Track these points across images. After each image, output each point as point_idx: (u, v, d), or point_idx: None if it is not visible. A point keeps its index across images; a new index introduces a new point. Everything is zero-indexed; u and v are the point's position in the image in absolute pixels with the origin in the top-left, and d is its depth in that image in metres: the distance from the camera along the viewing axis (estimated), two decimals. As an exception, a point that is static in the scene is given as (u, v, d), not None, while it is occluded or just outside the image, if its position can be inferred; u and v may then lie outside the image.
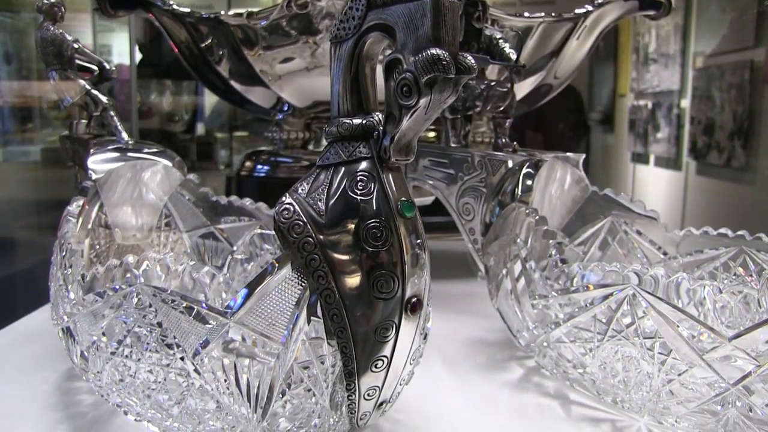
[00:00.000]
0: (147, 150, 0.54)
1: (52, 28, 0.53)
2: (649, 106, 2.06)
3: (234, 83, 0.75)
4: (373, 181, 0.29)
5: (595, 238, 0.55)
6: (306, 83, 0.72)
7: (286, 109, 0.78)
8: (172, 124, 1.78)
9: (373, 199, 0.29)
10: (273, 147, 0.82)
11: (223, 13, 0.70)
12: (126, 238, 0.52)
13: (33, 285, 0.67)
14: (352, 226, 0.28)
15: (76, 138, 0.55)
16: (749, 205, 1.45)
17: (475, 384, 0.45)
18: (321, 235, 0.29)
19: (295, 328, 0.29)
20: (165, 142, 0.58)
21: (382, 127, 0.29)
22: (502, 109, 0.58)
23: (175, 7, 0.70)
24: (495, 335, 0.53)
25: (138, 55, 1.53)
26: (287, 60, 0.69)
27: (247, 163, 0.81)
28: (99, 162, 0.51)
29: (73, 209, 0.46)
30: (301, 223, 0.29)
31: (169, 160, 0.54)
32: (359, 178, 0.29)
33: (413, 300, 0.30)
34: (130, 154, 0.53)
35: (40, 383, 0.43)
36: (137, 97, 1.51)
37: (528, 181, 0.51)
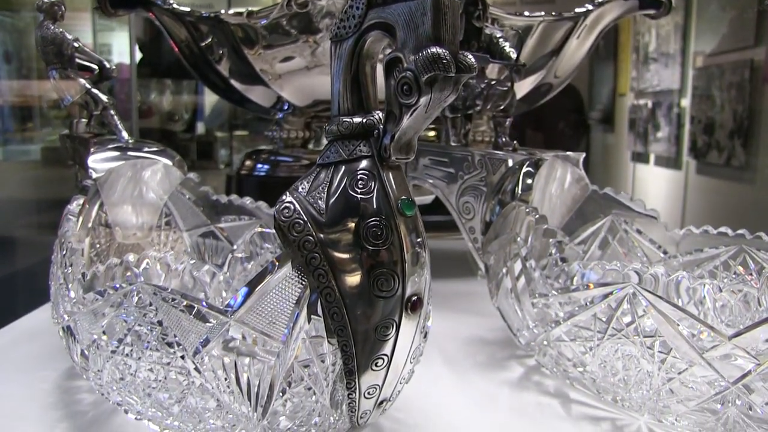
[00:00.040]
0: (147, 149, 0.54)
1: (53, 27, 0.53)
2: (649, 106, 2.06)
3: (234, 82, 0.75)
4: (373, 180, 0.29)
5: (595, 237, 0.55)
6: (306, 82, 0.72)
7: (286, 108, 0.78)
8: (172, 124, 1.78)
9: (374, 198, 0.29)
10: (273, 146, 0.82)
11: (223, 12, 0.70)
12: (126, 236, 0.53)
13: (33, 284, 0.67)
14: (352, 224, 0.28)
15: (77, 137, 0.55)
16: (749, 205, 1.45)
17: (475, 383, 0.45)
18: (321, 234, 0.29)
19: (296, 327, 0.29)
20: (165, 141, 0.58)
21: (382, 126, 0.29)
22: (502, 108, 0.58)
23: (175, 6, 0.70)
24: (495, 334, 0.53)
25: (138, 55, 1.53)
26: (287, 59, 0.69)
27: (247, 162, 0.81)
28: (99, 161, 0.51)
29: (73, 208, 0.46)
30: (301, 222, 0.29)
31: (170, 159, 0.54)
32: (359, 177, 0.29)
33: (413, 298, 0.30)
34: (130, 153, 0.53)
35: (40, 382, 0.43)
36: (137, 97, 1.51)
37: (528, 180, 0.51)
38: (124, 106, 1.44)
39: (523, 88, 0.74)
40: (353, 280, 0.29)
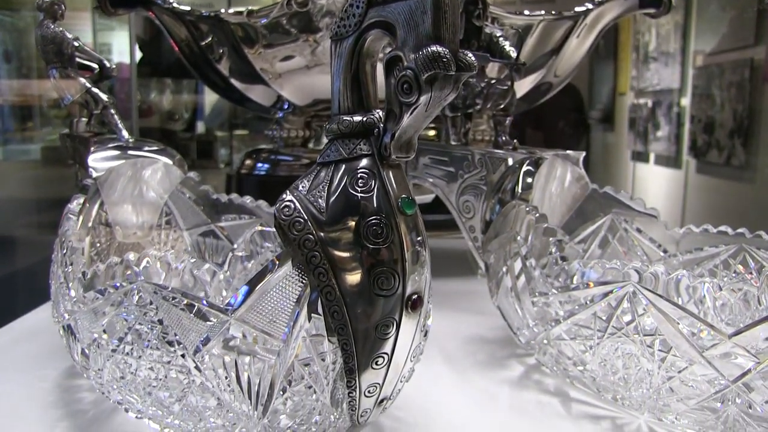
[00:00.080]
0: (147, 148, 0.54)
1: (53, 26, 0.53)
2: (649, 105, 2.06)
3: (234, 81, 0.75)
4: (373, 179, 0.29)
5: (595, 235, 0.55)
6: (306, 81, 0.72)
7: (286, 107, 0.78)
8: (173, 123, 1.78)
9: (374, 197, 0.29)
10: (273, 145, 0.82)
11: (223, 11, 0.70)
12: (126, 235, 0.53)
13: (33, 283, 0.67)
14: (352, 223, 0.28)
15: (77, 136, 0.55)
16: (749, 204, 1.45)
17: (475, 381, 0.45)
18: (322, 233, 0.29)
19: (296, 326, 0.29)
20: (165, 140, 0.58)
21: (382, 125, 0.29)
22: (502, 107, 0.58)
23: (175, 5, 0.70)
24: (495, 333, 0.53)
25: (138, 54, 1.53)
26: (287, 58, 0.69)
27: (247, 161, 0.81)
28: (99, 160, 0.51)
29: (73, 207, 0.46)
30: (301, 221, 0.29)
31: (170, 158, 0.54)
32: (360, 176, 0.29)
33: (414, 297, 0.30)
34: (130, 152, 0.53)
35: (40, 381, 0.43)
36: (137, 96, 1.51)
37: (528, 179, 0.51)
38: (124, 106, 1.44)
39: (523, 87, 0.74)
40: (353, 278, 0.29)
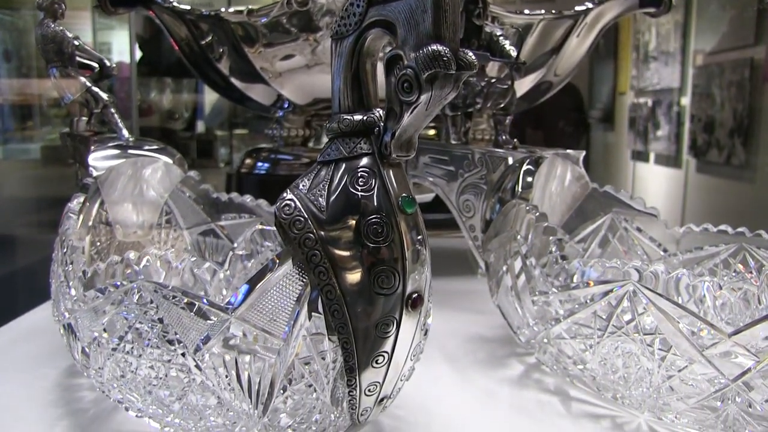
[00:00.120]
0: (147, 147, 0.54)
1: (53, 25, 0.53)
2: (649, 104, 2.06)
3: (234, 80, 0.75)
4: (373, 177, 0.29)
5: (596, 234, 0.55)
6: (306, 80, 0.72)
7: (286, 106, 0.78)
8: (173, 122, 1.78)
9: (374, 195, 0.29)
10: (273, 144, 0.82)
11: (223, 10, 0.70)
12: (127, 234, 0.53)
13: (33, 282, 0.67)
14: (353, 222, 0.28)
15: (77, 135, 0.55)
16: (749, 203, 1.45)
17: (475, 380, 0.45)
18: (322, 231, 0.29)
19: (296, 324, 0.29)
20: (165, 139, 0.58)
21: (382, 123, 0.29)
22: (502, 106, 0.58)
23: (175, 4, 0.70)
24: (495, 332, 0.53)
25: (138, 53, 1.53)
26: (287, 57, 0.69)
27: (247, 160, 0.81)
28: (100, 159, 0.51)
29: (74, 206, 0.46)
30: (302, 219, 0.29)
31: (170, 157, 0.54)
32: (360, 174, 0.29)
33: (414, 296, 0.30)
34: (130, 151, 0.53)
35: (40, 380, 0.43)
36: (137, 95, 1.51)
37: (528, 178, 0.51)
38: (124, 105, 1.44)
39: (523, 86, 0.74)
40: (354, 277, 0.29)
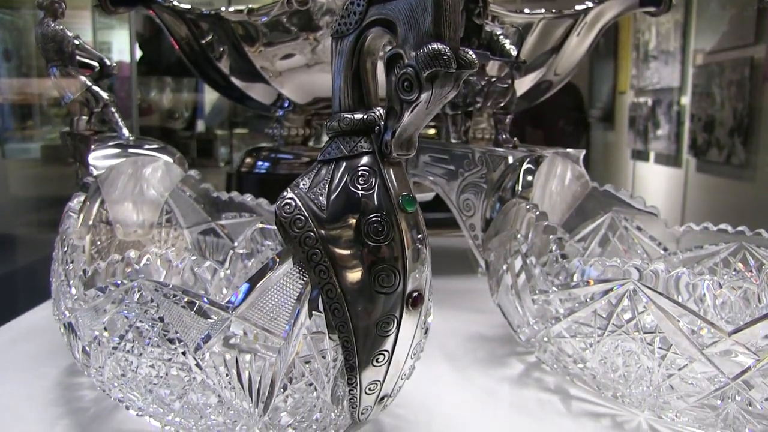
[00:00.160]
0: (148, 146, 0.54)
1: (53, 25, 0.53)
2: (649, 103, 2.06)
3: (234, 80, 0.75)
4: (374, 176, 0.29)
5: (596, 233, 0.55)
6: (306, 80, 0.72)
7: (286, 105, 0.78)
8: (173, 121, 1.78)
9: (375, 194, 0.29)
10: (273, 143, 0.82)
11: (223, 9, 0.70)
12: (127, 234, 0.53)
13: (34, 281, 0.67)
14: (353, 220, 0.28)
15: (77, 134, 0.55)
16: (749, 202, 1.45)
17: (475, 379, 0.45)
18: (322, 230, 0.29)
19: (297, 323, 0.29)
20: (165, 139, 0.58)
21: (383, 122, 0.29)
22: (502, 105, 0.58)
23: (175, 3, 0.70)
24: (495, 331, 0.53)
25: (138, 52, 1.53)
26: (288, 56, 0.69)
27: (247, 159, 0.81)
28: (100, 158, 0.51)
29: (74, 205, 0.46)
30: (302, 218, 0.29)
31: (170, 157, 0.54)
32: (360, 173, 0.29)
33: (414, 294, 0.30)
34: (131, 151, 0.53)
35: (41, 379, 0.43)
36: (137, 94, 1.51)
37: (528, 177, 0.51)
38: (125, 104, 1.44)
39: (523, 85, 0.74)
40: (354, 276, 0.29)
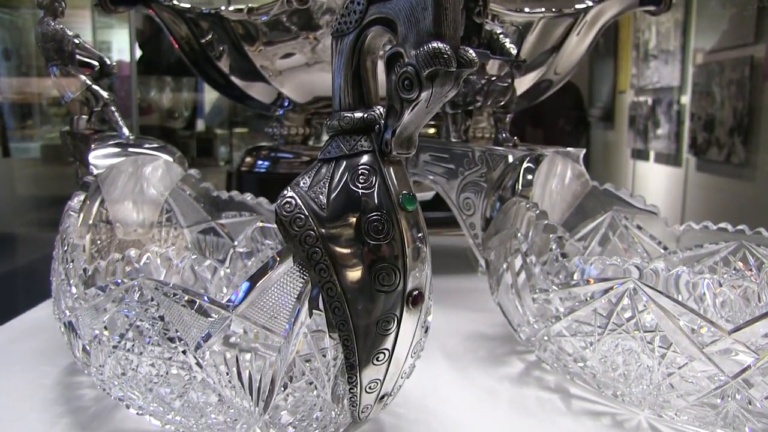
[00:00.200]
0: (148, 145, 0.54)
1: (53, 24, 0.53)
2: (649, 103, 2.06)
3: (234, 79, 0.75)
4: (374, 175, 0.29)
5: (596, 232, 0.55)
6: (306, 79, 0.72)
7: (286, 104, 0.78)
8: (172, 121, 1.78)
9: (375, 193, 0.29)
10: (273, 143, 0.82)
11: (223, 8, 0.70)
12: (127, 233, 0.53)
13: (34, 281, 0.67)
14: (353, 219, 0.28)
15: (77, 133, 0.55)
16: (749, 201, 1.45)
17: (475, 378, 0.45)
18: (323, 229, 0.29)
19: (297, 322, 0.29)
20: (165, 138, 0.58)
21: (383, 121, 0.29)
22: (502, 104, 0.58)
23: (175, 2, 0.70)
24: (495, 329, 0.53)
25: (138, 52, 1.52)
26: (288, 56, 0.69)
27: (247, 158, 0.81)
28: (100, 157, 0.51)
29: (74, 204, 0.46)
30: (302, 217, 0.29)
31: (170, 156, 0.54)
32: (361, 172, 0.29)
33: (414, 293, 0.30)
34: (131, 150, 0.53)
35: (41, 378, 0.43)
36: (137, 94, 1.51)
37: (528, 176, 0.51)
38: (124, 104, 1.44)
39: (523, 84, 0.74)
40: (354, 274, 0.29)
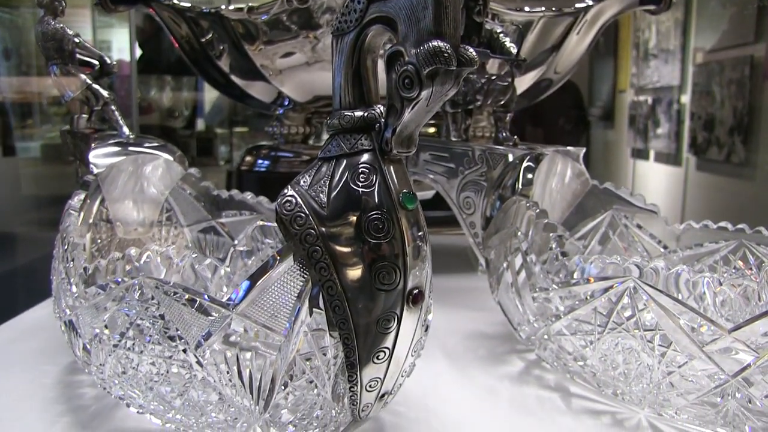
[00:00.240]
0: (148, 144, 0.54)
1: (53, 23, 0.53)
2: (649, 102, 2.06)
3: (235, 78, 0.75)
4: (374, 173, 0.29)
5: (596, 231, 0.55)
6: (306, 78, 0.72)
7: (286, 103, 0.78)
8: (172, 120, 1.78)
9: (375, 191, 0.29)
10: (273, 142, 0.82)
11: (223, 7, 0.70)
12: (127, 232, 0.53)
13: (34, 280, 0.67)
14: (353, 218, 0.28)
15: (78, 132, 0.55)
16: (749, 200, 1.45)
17: (476, 377, 0.45)
18: (323, 227, 0.29)
19: (297, 320, 0.29)
20: (165, 137, 0.58)
21: (383, 120, 0.29)
22: (502, 103, 0.58)
23: (175, 1, 0.70)
24: (496, 328, 0.53)
25: (138, 51, 1.52)
26: (288, 55, 0.69)
27: (247, 157, 0.81)
28: (100, 156, 0.51)
29: (74, 203, 0.46)
30: (303, 215, 0.29)
31: (170, 155, 0.54)
32: (361, 171, 0.29)
33: (415, 291, 0.30)
34: (131, 149, 0.53)
35: (41, 377, 0.43)
36: (137, 93, 1.51)
37: (528, 175, 0.51)
38: (125, 103, 1.44)
39: (523, 83, 0.74)
40: (355, 273, 0.29)
